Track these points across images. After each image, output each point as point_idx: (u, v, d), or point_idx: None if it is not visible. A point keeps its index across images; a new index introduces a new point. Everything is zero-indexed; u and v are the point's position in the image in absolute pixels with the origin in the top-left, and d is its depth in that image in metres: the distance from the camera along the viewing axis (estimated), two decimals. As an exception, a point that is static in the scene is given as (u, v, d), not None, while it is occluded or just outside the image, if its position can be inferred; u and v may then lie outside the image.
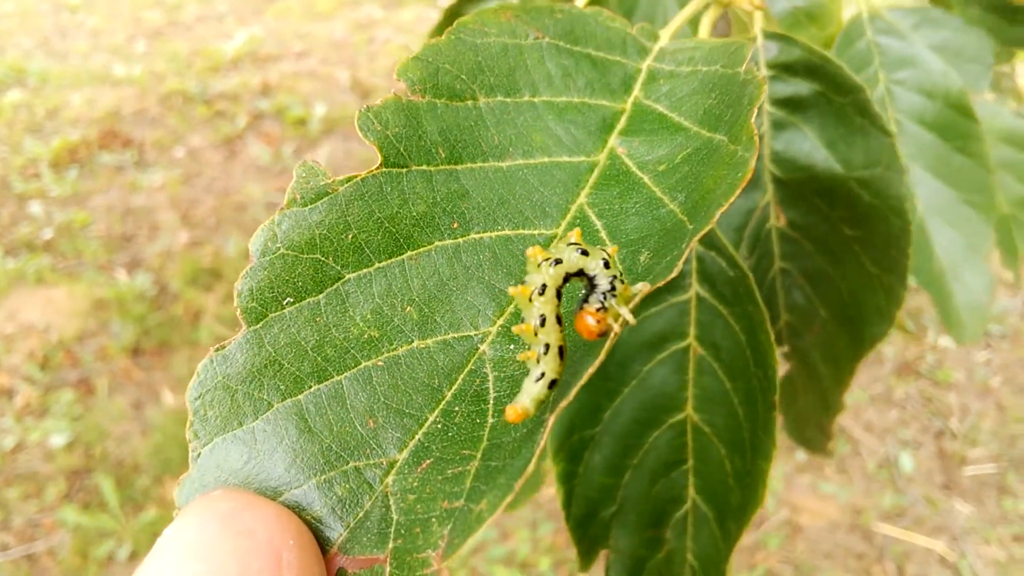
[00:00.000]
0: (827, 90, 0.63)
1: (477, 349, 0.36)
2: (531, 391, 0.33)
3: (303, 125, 3.80)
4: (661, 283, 0.34)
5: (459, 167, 0.40)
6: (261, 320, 0.35)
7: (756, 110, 0.39)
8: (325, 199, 0.37)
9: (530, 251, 0.34)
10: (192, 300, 2.80)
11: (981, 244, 0.84)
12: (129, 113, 3.87)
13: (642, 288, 0.34)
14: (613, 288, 0.33)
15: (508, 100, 0.44)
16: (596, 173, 0.43)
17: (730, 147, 0.39)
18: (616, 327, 0.33)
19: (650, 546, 0.62)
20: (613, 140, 0.44)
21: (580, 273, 0.34)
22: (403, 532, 0.32)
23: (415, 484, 0.33)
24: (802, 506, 2.24)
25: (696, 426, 0.60)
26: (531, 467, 0.30)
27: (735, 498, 0.58)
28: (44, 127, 3.72)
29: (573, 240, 0.34)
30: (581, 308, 0.33)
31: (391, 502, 0.33)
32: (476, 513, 0.31)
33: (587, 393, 0.61)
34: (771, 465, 0.54)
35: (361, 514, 0.33)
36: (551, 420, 0.31)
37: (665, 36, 0.52)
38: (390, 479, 0.33)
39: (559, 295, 0.34)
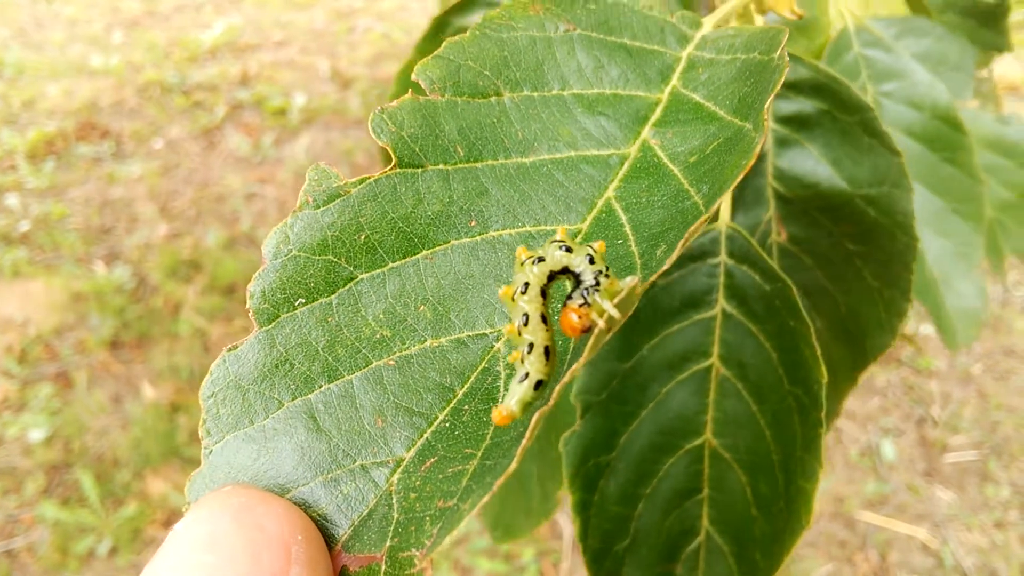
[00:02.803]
0: (832, 108, 0.63)
1: (492, 347, 0.36)
2: (516, 392, 0.32)
3: (283, 115, 3.77)
4: (653, 277, 0.33)
5: (479, 164, 0.40)
6: (273, 321, 0.35)
7: (773, 96, 0.39)
8: (337, 201, 0.37)
9: (518, 250, 0.34)
10: (171, 292, 2.78)
11: (972, 252, 0.85)
12: (106, 104, 3.83)
13: (631, 283, 0.33)
14: (597, 283, 0.32)
15: (535, 94, 0.43)
16: (627, 166, 0.42)
17: (752, 135, 0.39)
18: (601, 323, 0.32)
19: None
20: (646, 132, 0.43)
21: (566, 271, 0.33)
22: (400, 531, 0.32)
23: (418, 483, 0.33)
24: (785, 495, 2.25)
25: (715, 452, 0.58)
26: (513, 465, 0.30)
27: (760, 528, 0.56)
28: (20, 118, 3.67)
29: (558, 237, 0.34)
30: (564, 305, 0.33)
31: (394, 500, 0.33)
32: (459, 514, 0.31)
33: (603, 417, 0.59)
34: (816, 486, 0.52)
35: (365, 512, 0.33)
36: (535, 420, 0.30)
37: (709, 24, 0.50)
38: (395, 478, 0.34)
39: (544, 294, 0.33)
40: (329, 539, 0.32)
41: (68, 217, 3.10)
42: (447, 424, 0.35)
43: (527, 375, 0.32)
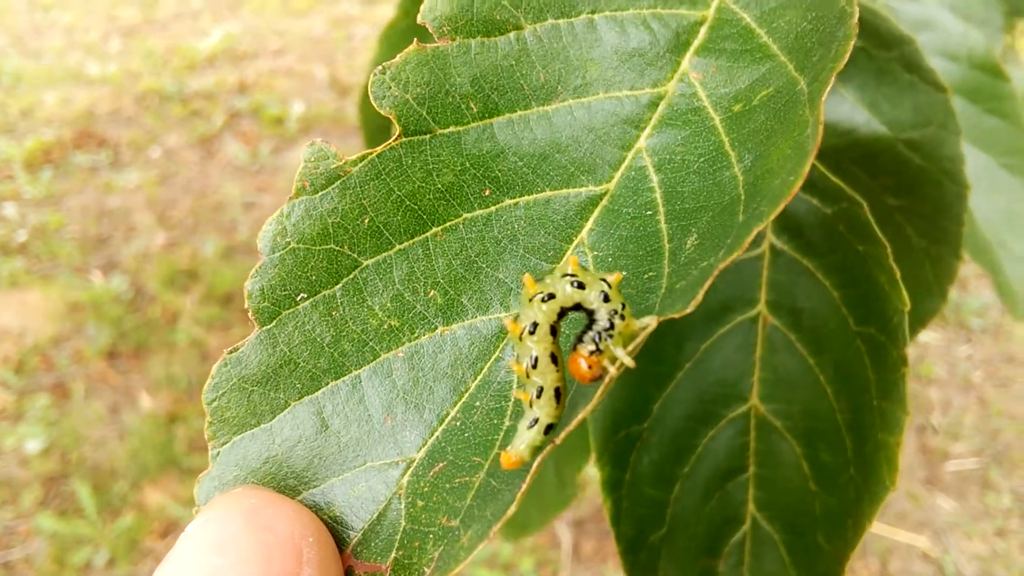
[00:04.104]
0: (868, 45, 0.57)
1: (507, 333, 0.34)
2: (525, 438, 0.31)
3: (280, 124, 3.77)
4: (676, 315, 0.30)
5: (495, 120, 0.36)
6: (274, 319, 0.33)
7: (836, 73, 0.32)
8: (336, 183, 0.34)
9: (525, 278, 0.31)
10: (169, 302, 2.77)
11: (1024, 209, 0.77)
12: (104, 113, 3.83)
13: (648, 324, 0.31)
14: (611, 326, 0.30)
15: (561, 22, 0.38)
16: (662, 107, 0.38)
17: (804, 114, 0.33)
18: (613, 370, 0.30)
19: None
20: (687, 62, 0.38)
21: (578, 307, 0.31)
22: (406, 543, 0.32)
23: (426, 489, 0.32)
24: (786, 503, 2.24)
25: (762, 420, 0.50)
26: (512, 510, 0.28)
27: (823, 505, 0.49)
28: (17, 127, 3.67)
29: (570, 270, 0.31)
30: (575, 349, 0.31)
31: (402, 505, 0.32)
32: (459, 546, 0.30)
33: (634, 378, 0.51)
34: (901, 438, 0.43)
35: (375, 516, 0.32)
36: (536, 463, 0.29)
37: None
38: (405, 480, 0.33)
39: (554, 332, 0.31)
40: (340, 542, 0.32)
41: (65, 226, 3.10)
42: (457, 423, 0.33)
43: (536, 420, 0.31)
